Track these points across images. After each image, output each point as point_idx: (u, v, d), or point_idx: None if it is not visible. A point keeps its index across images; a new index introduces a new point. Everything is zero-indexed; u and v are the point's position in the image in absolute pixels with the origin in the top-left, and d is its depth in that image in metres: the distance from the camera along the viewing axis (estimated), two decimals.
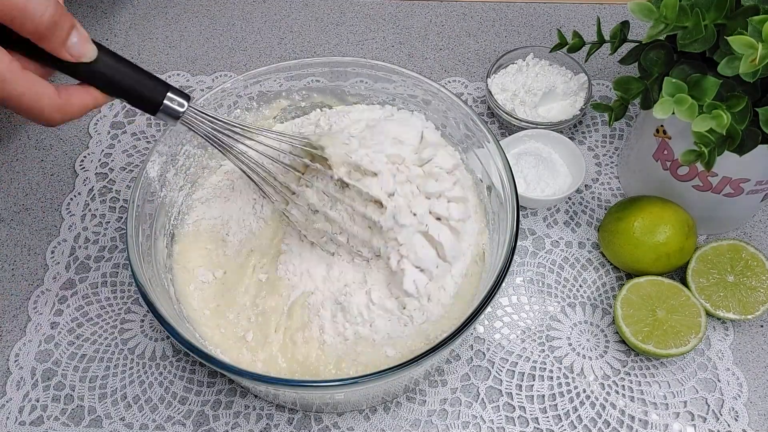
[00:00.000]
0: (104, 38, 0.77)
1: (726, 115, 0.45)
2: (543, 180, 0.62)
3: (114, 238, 0.63)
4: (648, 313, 0.54)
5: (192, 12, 0.80)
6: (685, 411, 0.53)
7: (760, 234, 0.62)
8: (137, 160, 0.68)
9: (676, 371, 0.55)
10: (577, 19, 0.78)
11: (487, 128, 0.52)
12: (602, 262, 0.61)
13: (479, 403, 0.54)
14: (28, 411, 0.54)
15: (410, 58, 0.76)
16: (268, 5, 0.80)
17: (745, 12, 0.45)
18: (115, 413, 0.54)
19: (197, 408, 0.54)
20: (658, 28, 0.47)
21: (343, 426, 0.53)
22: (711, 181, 0.54)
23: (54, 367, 0.56)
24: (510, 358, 0.56)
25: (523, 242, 0.62)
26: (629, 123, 0.69)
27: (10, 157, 0.68)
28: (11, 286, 0.60)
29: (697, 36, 0.46)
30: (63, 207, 0.65)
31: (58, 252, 0.62)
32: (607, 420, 0.53)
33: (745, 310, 0.55)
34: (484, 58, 0.75)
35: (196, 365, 0.55)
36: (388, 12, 0.79)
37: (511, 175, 0.49)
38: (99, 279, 0.60)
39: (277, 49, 0.76)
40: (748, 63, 0.42)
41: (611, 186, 0.65)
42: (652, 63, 0.51)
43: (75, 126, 0.70)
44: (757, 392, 0.54)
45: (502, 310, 0.58)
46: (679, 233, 0.55)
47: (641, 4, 0.47)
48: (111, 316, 0.58)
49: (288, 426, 0.53)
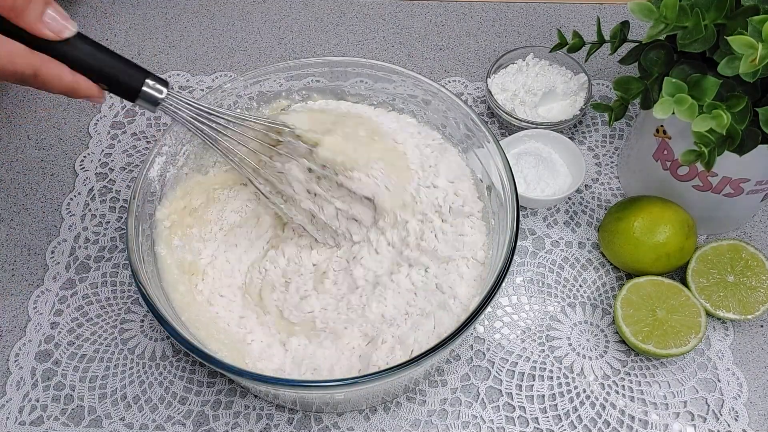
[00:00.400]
0: (104, 38, 0.77)
1: (726, 115, 0.45)
2: (543, 180, 0.62)
3: (114, 238, 0.63)
4: (648, 313, 0.54)
5: (192, 12, 0.80)
6: (685, 411, 0.53)
7: (760, 234, 0.62)
8: (137, 160, 0.68)
9: (676, 371, 0.55)
10: (577, 19, 0.78)
11: (487, 128, 0.52)
12: (602, 262, 0.61)
13: (479, 403, 0.54)
14: (28, 411, 0.54)
15: (410, 58, 0.76)
16: (268, 5, 0.80)
17: (745, 12, 0.45)
18: (115, 413, 0.54)
19: (197, 408, 0.54)
20: (657, 28, 0.47)
21: (343, 426, 0.53)
22: (711, 181, 0.54)
23: (54, 367, 0.56)
24: (510, 358, 0.56)
25: (523, 242, 0.62)
26: (629, 123, 0.69)
27: (10, 157, 0.68)
28: (11, 286, 0.60)
29: (697, 36, 0.46)
30: (63, 207, 0.65)
31: (58, 252, 0.62)
32: (607, 420, 0.53)
33: (745, 310, 0.55)
34: (484, 58, 0.75)
35: (196, 365, 0.55)
36: (388, 12, 0.79)
37: (511, 175, 0.49)
38: (99, 279, 0.60)
39: (277, 49, 0.76)
40: (748, 63, 0.42)
41: (611, 186, 0.65)
42: (652, 63, 0.51)
43: (75, 126, 0.70)
44: (757, 392, 0.54)
45: (502, 310, 0.58)
46: (679, 233, 0.55)
47: (641, 4, 0.47)
48: (111, 316, 0.58)
49: (288, 426, 0.53)
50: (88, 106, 0.71)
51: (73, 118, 0.71)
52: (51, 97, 0.72)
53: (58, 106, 0.72)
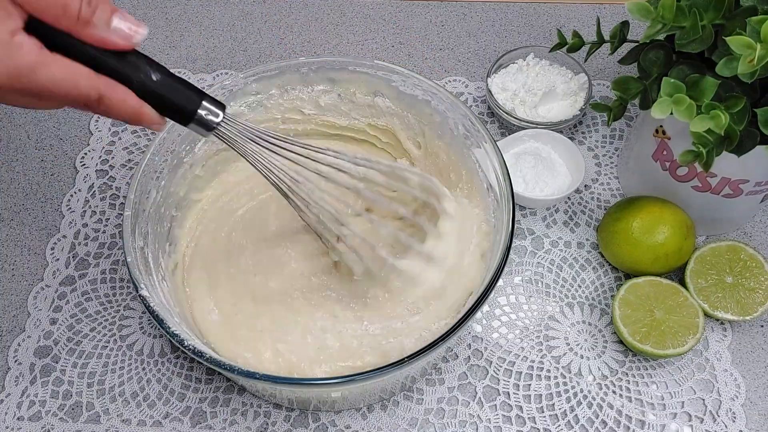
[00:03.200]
0: None
1: (724, 115, 0.45)
2: (542, 180, 0.62)
3: (114, 235, 0.63)
4: (646, 314, 0.54)
5: (192, 12, 0.80)
6: (682, 411, 0.53)
7: (760, 235, 0.62)
8: (138, 157, 0.68)
9: (673, 372, 0.55)
10: (577, 19, 0.78)
11: (484, 129, 0.52)
12: (601, 262, 0.61)
13: (476, 402, 0.54)
14: (26, 406, 0.54)
15: (410, 58, 0.76)
16: (268, 5, 0.80)
17: (744, 12, 0.45)
18: (113, 409, 0.54)
19: (195, 405, 0.54)
20: (655, 28, 0.47)
21: (341, 424, 0.53)
22: (710, 181, 0.54)
23: (53, 363, 0.56)
24: (508, 358, 0.56)
25: (522, 242, 0.62)
26: (629, 123, 0.69)
27: (10, 157, 0.68)
28: (11, 282, 0.60)
29: (694, 36, 0.46)
30: (63, 204, 0.65)
31: (58, 248, 0.62)
32: (604, 420, 0.53)
33: (744, 311, 0.55)
34: (484, 58, 0.75)
35: (194, 362, 0.56)
36: (388, 12, 0.79)
37: (508, 175, 0.49)
38: (98, 276, 0.60)
39: (277, 49, 0.77)
40: (747, 63, 0.42)
41: (611, 186, 0.65)
42: (651, 63, 0.51)
43: (76, 124, 0.71)
44: (755, 393, 0.54)
45: (500, 310, 0.58)
46: (677, 234, 0.55)
47: (639, 4, 0.47)
48: (110, 312, 0.58)
49: (285, 424, 0.53)
50: None
51: (73, 117, 0.71)
52: None
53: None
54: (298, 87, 0.58)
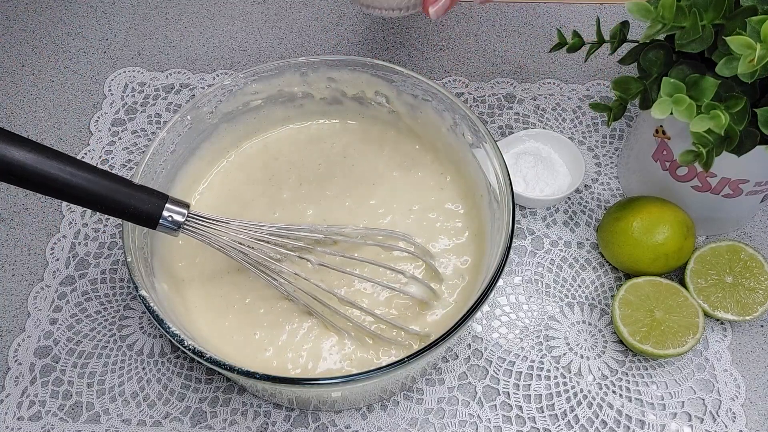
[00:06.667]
0: (104, 38, 0.78)
1: (724, 115, 0.45)
2: (542, 180, 0.62)
3: (114, 234, 0.63)
4: (646, 314, 0.54)
5: (192, 12, 0.80)
6: (682, 411, 0.53)
7: (760, 235, 0.62)
8: (138, 157, 0.68)
9: (673, 372, 0.55)
10: (577, 19, 0.78)
11: (484, 129, 0.52)
12: (601, 262, 0.61)
13: (476, 402, 0.54)
14: (26, 406, 0.54)
15: (410, 58, 0.76)
16: (268, 5, 0.80)
17: (744, 12, 0.45)
18: (113, 409, 0.54)
19: (195, 405, 0.54)
20: (655, 28, 0.47)
21: (341, 424, 0.53)
22: (710, 181, 0.54)
23: (53, 362, 0.56)
24: (508, 358, 0.56)
25: (521, 242, 0.62)
26: (629, 123, 0.69)
27: None
28: (11, 282, 0.60)
29: (694, 36, 0.46)
30: (63, 204, 0.65)
31: (58, 248, 0.62)
32: (604, 420, 0.53)
33: (744, 311, 0.55)
34: (484, 58, 0.75)
35: (194, 362, 0.56)
36: None
37: (508, 176, 0.49)
38: (98, 275, 0.60)
39: (277, 49, 0.77)
40: (747, 63, 0.42)
41: (611, 186, 0.65)
42: (651, 63, 0.51)
43: (76, 124, 0.71)
44: (755, 393, 0.54)
45: (500, 310, 0.58)
46: (677, 234, 0.55)
47: (639, 4, 0.47)
48: (110, 312, 0.58)
49: (285, 423, 0.53)
50: (89, 106, 0.72)
51: (73, 117, 0.71)
52: (51, 96, 0.72)
53: (58, 106, 0.72)
54: (298, 87, 0.58)
